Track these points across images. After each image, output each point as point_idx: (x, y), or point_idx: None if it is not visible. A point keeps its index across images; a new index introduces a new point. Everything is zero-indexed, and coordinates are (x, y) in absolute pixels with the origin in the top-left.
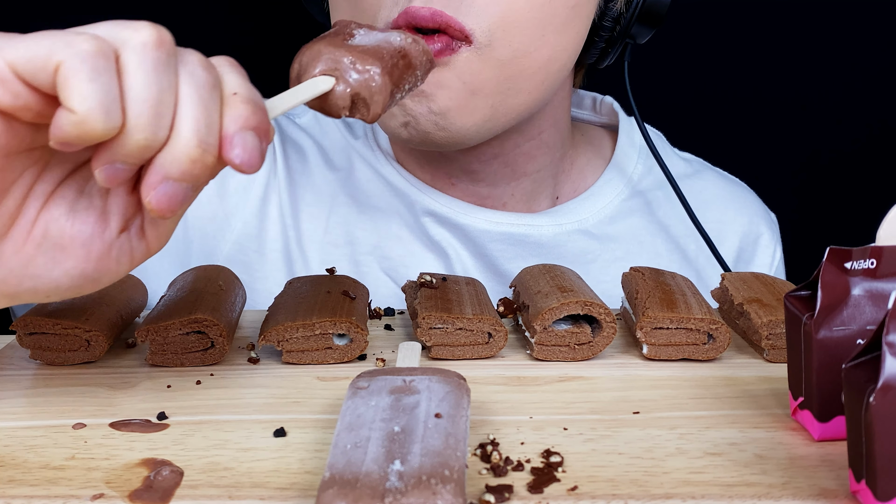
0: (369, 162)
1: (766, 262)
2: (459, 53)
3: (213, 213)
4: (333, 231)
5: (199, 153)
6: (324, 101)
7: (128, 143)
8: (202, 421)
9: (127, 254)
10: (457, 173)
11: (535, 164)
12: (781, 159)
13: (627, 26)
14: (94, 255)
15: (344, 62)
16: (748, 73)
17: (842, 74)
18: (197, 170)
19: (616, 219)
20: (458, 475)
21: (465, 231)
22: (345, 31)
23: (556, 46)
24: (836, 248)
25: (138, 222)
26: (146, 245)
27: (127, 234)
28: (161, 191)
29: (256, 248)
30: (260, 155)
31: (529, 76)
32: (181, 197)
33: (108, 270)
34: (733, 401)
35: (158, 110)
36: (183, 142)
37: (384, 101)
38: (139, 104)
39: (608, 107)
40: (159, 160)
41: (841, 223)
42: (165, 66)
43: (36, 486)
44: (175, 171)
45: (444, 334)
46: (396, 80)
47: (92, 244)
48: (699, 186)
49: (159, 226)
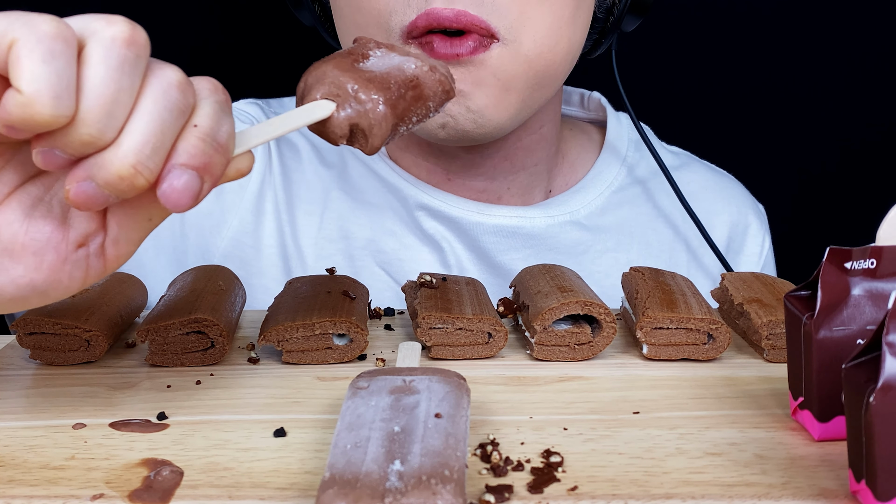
0: (361, 158)
1: (755, 252)
2: (492, 50)
3: (210, 209)
4: (328, 226)
5: (129, 173)
6: (322, 127)
7: (71, 134)
8: (202, 421)
9: (81, 270)
10: (455, 169)
11: (534, 157)
12: (781, 159)
13: (620, 16)
14: (46, 266)
15: (347, 88)
16: (740, 66)
17: (840, 72)
18: (123, 186)
19: (607, 210)
20: (458, 475)
21: (459, 224)
22: (359, 52)
23: (571, 39)
24: (836, 248)
25: (99, 240)
26: (103, 264)
27: (85, 250)
28: (81, 188)
29: (252, 243)
30: (192, 196)
31: (553, 71)
32: (100, 201)
33: (58, 284)
34: (733, 401)
35: (111, 109)
36: (119, 155)
37: (384, 135)
38: (92, 98)
39: (596, 102)
40: (92, 158)
41: (840, 223)
42: (132, 66)
43: (36, 486)
44: (100, 178)
45: (444, 334)
46: (401, 113)
47: (45, 254)
48: (687, 178)
49: (120, 246)
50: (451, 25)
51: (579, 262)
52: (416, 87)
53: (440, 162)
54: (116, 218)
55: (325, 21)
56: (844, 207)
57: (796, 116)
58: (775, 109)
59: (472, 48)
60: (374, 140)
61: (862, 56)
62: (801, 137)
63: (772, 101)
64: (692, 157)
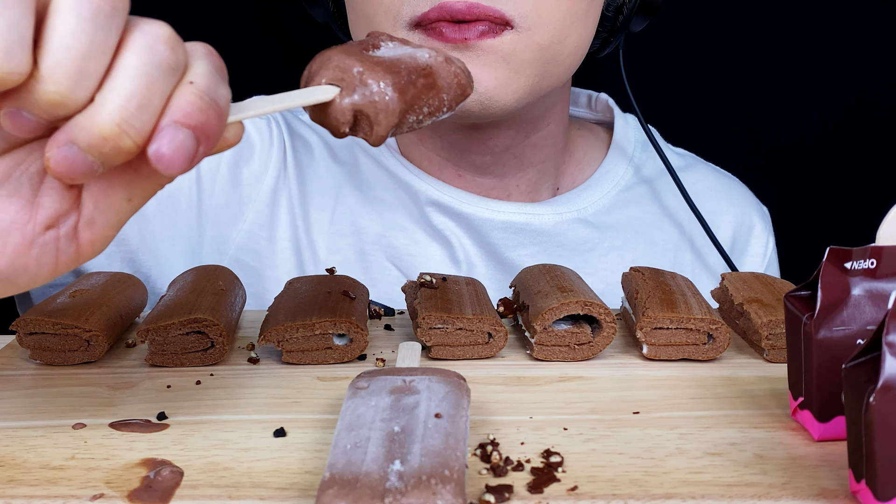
0: (372, 155)
1: (759, 252)
2: (503, 36)
3: (227, 201)
4: (339, 221)
5: (115, 132)
6: (324, 114)
7: (37, 92)
8: (202, 421)
9: (51, 255)
10: (465, 166)
11: (542, 154)
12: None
13: (629, 16)
14: (10, 250)
15: (352, 73)
16: (746, 70)
17: (843, 76)
18: (108, 148)
19: (613, 209)
20: (458, 475)
21: (468, 220)
22: (370, 42)
23: (582, 34)
24: (836, 248)
25: (72, 221)
26: (76, 249)
27: (55, 232)
28: (62, 153)
29: (267, 236)
30: (187, 158)
31: (562, 61)
32: (83, 169)
33: (24, 271)
34: (733, 401)
35: (82, 65)
36: (103, 113)
37: (390, 123)
38: (59, 52)
39: (603, 103)
40: (73, 120)
41: (840, 223)
42: (107, 19)
43: (36, 486)
44: (83, 140)
45: (444, 334)
46: (410, 101)
47: (9, 236)
48: (692, 178)
49: (96, 229)
50: (464, 17)
51: (586, 259)
52: (428, 74)
53: (451, 158)
54: (92, 197)
55: (339, 18)
56: (844, 207)
57: (796, 116)
58: (781, 113)
59: (480, 32)
60: (380, 129)
61: (868, 61)
62: (800, 137)
63: (777, 105)
64: (697, 159)
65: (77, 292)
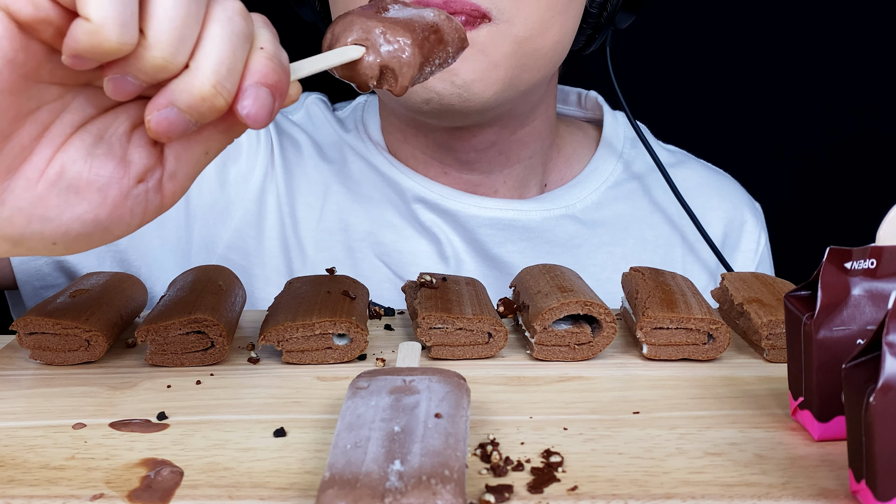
0: (360, 153)
1: (751, 248)
2: (480, 29)
3: (214, 201)
4: (328, 218)
5: (211, 92)
6: (353, 71)
7: (144, 58)
8: (202, 421)
9: (142, 205)
10: (451, 162)
11: (528, 150)
12: (779, 158)
13: (614, 12)
14: (110, 202)
15: (375, 33)
16: (736, 65)
17: (840, 70)
18: (205, 108)
19: (603, 205)
20: (458, 475)
21: (455, 216)
22: (379, 5)
23: (563, 28)
24: (836, 248)
25: (157, 175)
26: (161, 199)
27: (144, 185)
28: (163, 114)
29: (255, 234)
30: (269, 112)
31: (542, 55)
32: (181, 128)
33: (121, 220)
34: (733, 401)
35: (181, 33)
36: (200, 76)
37: (412, 74)
38: (163, 22)
39: (593, 101)
40: (172, 84)
41: (840, 223)
42: None
43: (36, 486)
44: (183, 101)
45: (444, 334)
46: (427, 54)
47: (109, 190)
48: (683, 175)
49: (177, 181)
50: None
51: (575, 255)
52: (437, 31)
53: (436, 155)
54: (174, 152)
55: (325, 17)
56: (844, 207)
57: (794, 115)
58: (772, 108)
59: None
60: (403, 80)
61: (862, 55)
62: (800, 136)
63: (769, 100)
64: (689, 156)
65: (77, 292)
